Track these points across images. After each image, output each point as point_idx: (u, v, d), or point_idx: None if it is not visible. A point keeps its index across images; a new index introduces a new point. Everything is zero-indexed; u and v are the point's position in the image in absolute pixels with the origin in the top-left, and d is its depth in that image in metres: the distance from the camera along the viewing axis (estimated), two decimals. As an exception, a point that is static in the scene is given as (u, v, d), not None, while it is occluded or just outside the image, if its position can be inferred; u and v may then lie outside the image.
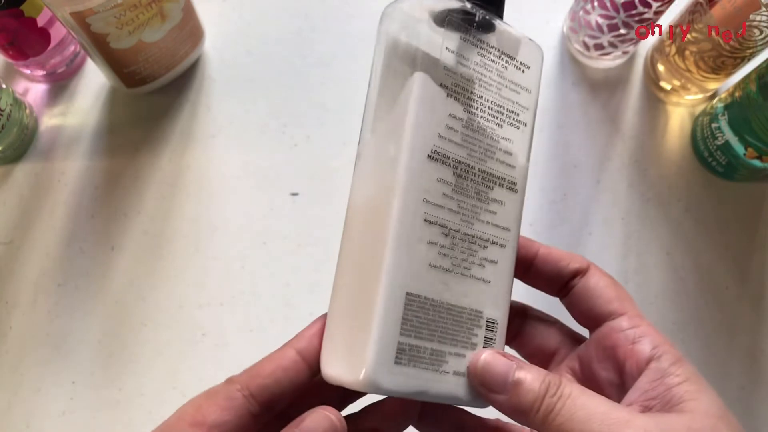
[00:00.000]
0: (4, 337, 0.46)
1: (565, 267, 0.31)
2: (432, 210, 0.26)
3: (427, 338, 0.26)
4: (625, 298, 0.30)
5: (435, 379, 0.26)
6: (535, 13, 0.54)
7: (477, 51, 0.28)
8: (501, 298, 0.28)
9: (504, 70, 0.28)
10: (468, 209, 0.27)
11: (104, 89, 0.51)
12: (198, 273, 0.48)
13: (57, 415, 0.45)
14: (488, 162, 0.28)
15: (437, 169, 0.26)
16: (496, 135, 0.28)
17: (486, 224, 0.28)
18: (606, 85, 0.52)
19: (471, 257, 0.27)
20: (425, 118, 0.26)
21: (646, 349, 0.27)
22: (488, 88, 0.28)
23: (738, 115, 0.45)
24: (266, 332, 0.47)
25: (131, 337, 0.46)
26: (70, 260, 0.48)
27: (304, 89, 0.51)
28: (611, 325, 0.29)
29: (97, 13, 0.40)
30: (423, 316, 0.26)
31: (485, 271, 0.28)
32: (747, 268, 0.49)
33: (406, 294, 0.26)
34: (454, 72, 0.27)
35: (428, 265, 0.26)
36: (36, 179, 0.49)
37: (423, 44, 0.26)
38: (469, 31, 0.27)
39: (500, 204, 0.28)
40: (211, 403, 0.26)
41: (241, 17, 0.53)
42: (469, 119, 0.27)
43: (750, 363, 0.48)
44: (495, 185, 0.28)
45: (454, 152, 0.27)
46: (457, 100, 0.27)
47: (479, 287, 0.28)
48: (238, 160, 0.50)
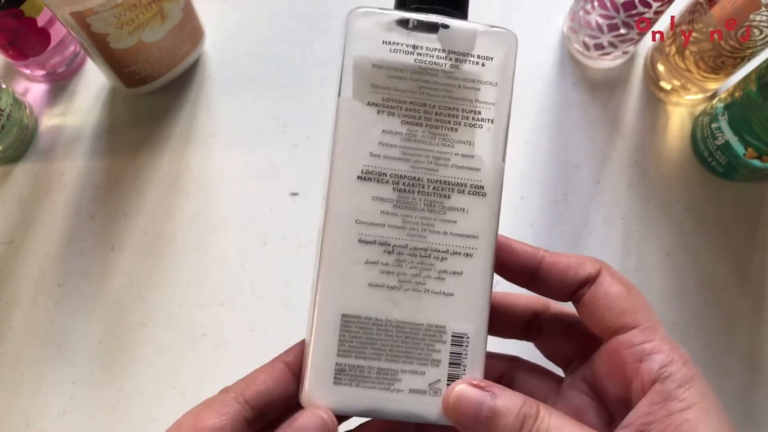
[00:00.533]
0: (4, 337, 0.46)
1: (573, 277, 0.29)
2: (367, 230, 0.26)
3: (371, 357, 0.26)
4: (639, 308, 0.28)
5: (387, 398, 0.26)
6: (535, 13, 0.54)
7: (414, 58, 0.27)
8: (472, 309, 0.27)
9: (455, 70, 0.27)
10: (416, 222, 0.27)
11: (104, 89, 0.51)
12: (198, 273, 0.48)
13: (57, 415, 0.45)
14: (441, 170, 0.27)
15: (372, 187, 0.26)
16: (449, 140, 0.27)
17: (443, 235, 0.27)
18: (606, 85, 0.52)
19: (425, 271, 0.27)
20: (350, 141, 0.26)
21: (653, 368, 0.26)
22: (433, 93, 0.27)
23: (738, 115, 0.45)
24: (266, 332, 0.47)
25: (131, 337, 0.46)
26: (70, 260, 0.48)
27: (304, 89, 0.51)
28: (620, 340, 0.27)
29: (97, 13, 0.40)
30: (365, 336, 0.26)
31: (445, 284, 0.27)
32: (747, 268, 0.49)
33: (341, 315, 0.26)
34: (385, 87, 0.27)
35: (367, 284, 0.26)
36: (36, 179, 0.49)
37: (346, 65, 0.27)
38: (400, 40, 0.27)
39: (462, 211, 0.27)
40: (208, 410, 0.26)
41: (241, 17, 0.53)
42: (411, 131, 0.27)
43: (750, 363, 0.48)
44: (453, 193, 0.27)
45: (393, 167, 0.27)
46: (392, 114, 0.27)
47: (438, 301, 0.27)
48: (238, 160, 0.50)
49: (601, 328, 0.28)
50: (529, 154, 0.51)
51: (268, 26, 0.53)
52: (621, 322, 0.27)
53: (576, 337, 0.30)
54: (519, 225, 0.49)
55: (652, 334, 0.27)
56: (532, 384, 0.31)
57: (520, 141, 0.51)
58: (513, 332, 0.32)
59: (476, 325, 0.27)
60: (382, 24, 0.27)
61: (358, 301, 0.26)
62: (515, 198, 0.50)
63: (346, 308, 0.26)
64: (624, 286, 0.28)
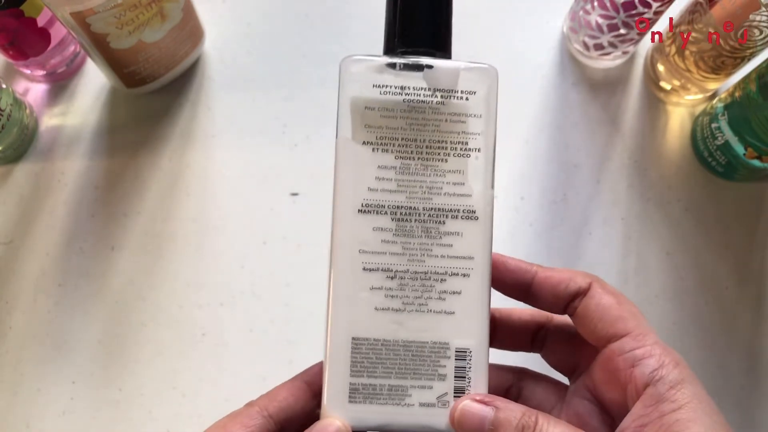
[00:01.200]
0: (4, 337, 0.46)
1: (563, 290, 0.30)
2: (370, 258, 0.29)
3: (382, 376, 0.28)
4: (629, 316, 0.29)
5: (399, 413, 0.28)
6: (535, 13, 0.54)
7: (402, 98, 0.29)
8: (472, 325, 0.29)
9: (441, 106, 0.29)
10: (415, 248, 0.29)
11: (104, 89, 0.51)
12: (198, 273, 0.48)
13: (57, 414, 0.45)
14: (435, 198, 0.29)
15: (371, 219, 0.29)
16: (440, 170, 0.29)
17: (441, 258, 0.29)
18: (606, 85, 0.52)
19: (427, 293, 0.29)
20: (349, 178, 0.29)
21: (645, 372, 0.27)
22: (423, 129, 0.29)
23: (738, 115, 0.45)
24: (266, 332, 0.47)
25: (131, 337, 0.46)
26: (70, 260, 0.48)
27: (304, 89, 0.51)
28: (612, 348, 0.29)
29: (97, 13, 0.40)
30: (375, 356, 0.28)
31: (446, 304, 0.29)
32: (747, 268, 0.49)
33: (351, 339, 0.28)
34: (378, 126, 0.29)
35: (374, 309, 0.29)
36: (36, 179, 0.49)
37: (342, 109, 0.29)
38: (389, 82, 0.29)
39: (457, 235, 0.29)
40: (235, 422, 0.28)
41: (241, 17, 0.53)
42: (404, 164, 0.29)
43: (750, 363, 0.48)
44: (447, 218, 0.29)
45: (390, 199, 0.29)
46: (386, 150, 0.29)
47: (441, 320, 0.29)
48: (238, 160, 0.50)
49: (595, 338, 0.29)
50: (529, 154, 0.51)
51: (268, 26, 0.53)
52: (612, 331, 0.29)
53: (578, 346, 0.31)
54: (519, 225, 0.49)
55: (642, 340, 0.28)
56: (539, 393, 0.33)
57: (520, 141, 0.51)
58: (519, 345, 0.33)
59: (477, 340, 0.29)
60: (372, 68, 0.29)
61: (366, 325, 0.29)
62: (515, 198, 0.50)
63: (355, 332, 0.29)
64: (614, 297, 0.29)
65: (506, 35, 0.53)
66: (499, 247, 0.48)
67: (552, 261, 0.49)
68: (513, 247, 0.49)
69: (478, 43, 0.53)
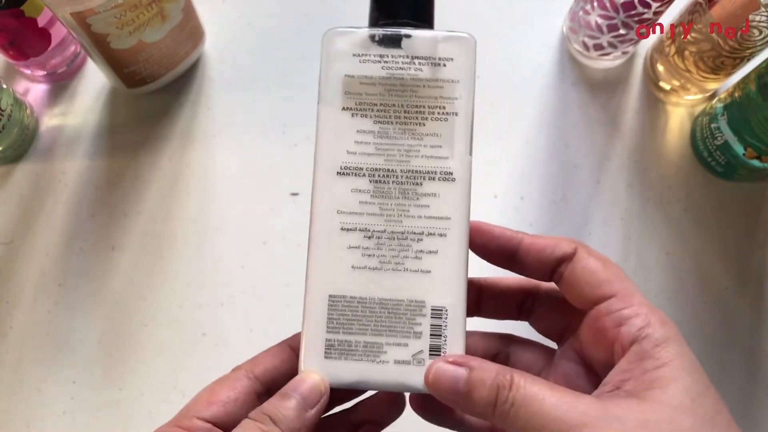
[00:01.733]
0: (4, 337, 0.46)
1: (549, 255, 0.30)
2: (348, 218, 0.30)
3: (358, 332, 0.29)
4: (615, 278, 0.29)
5: (374, 369, 0.29)
6: (535, 13, 0.54)
7: (381, 66, 0.30)
8: (449, 284, 0.29)
9: (419, 72, 0.30)
10: (392, 209, 0.29)
11: (104, 89, 0.51)
12: (198, 273, 0.48)
13: (57, 414, 0.45)
14: (412, 161, 0.30)
15: (350, 181, 0.30)
16: (418, 133, 0.30)
17: (418, 218, 0.29)
18: (606, 85, 0.52)
19: (403, 252, 0.29)
20: (329, 142, 0.31)
21: (631, 330, 0.27)
22: (401, 95, 0.30)
23: (737, 115, 0.45)
24: (266, 332, 0.47)
25: (131, 337, 0.47)
26: (71, 260, 0.48)
27: (304, 89, 0.51)
28: (599, 309, 0.29)
29: (98, 14, 0.40)
30: (351, 313, 0.29)
31: (423, 263, 0.29)
32: (747, 268, 0.49)
33: (329, 296, 0.29)
34: (357, 93, 0.30)
35: (351, 267, 0.29)
36: (36, 179, 0.49)
37: (323, 77, 0.31)
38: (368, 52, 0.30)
39: (434, 196, 0.30)
40: (221, 385, 0.30)
41: (241, 17, 0.53)
42: (382, 129, 0.30)
43: (750, 363, 0.48)
44: (424, 180, 0.30)
45: (368, 162, 0.30)
46: (365, 116, 0.30)
47: (417, 278, 0.29)
48: (238, 160, 0.50)
49: (582, 301, 0.30)
50: (529, 154, 0.51)
51: (268, 26, 0.53)
52: (599, 293, 0.29)
53: (565, 311, 0.31)
54: (519, 225, 0.49)
55: (629, 300, 0.28)
56: (527, 358, 0.33)
57: (520, 141, 0.51)
58: (507, 313, 0.33)
59: (453, 299, 0.29)
60: (352, 40, 0.30)
61: (343, 282, 0.29)
62: (515, 198, 0.50)
63: (332, 289, 0.29)
64: (599, 260, 0.30)
65: (506, 35, 0.53)
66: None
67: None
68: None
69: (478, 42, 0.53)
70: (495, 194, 0.50)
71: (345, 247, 0.29)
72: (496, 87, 0.52)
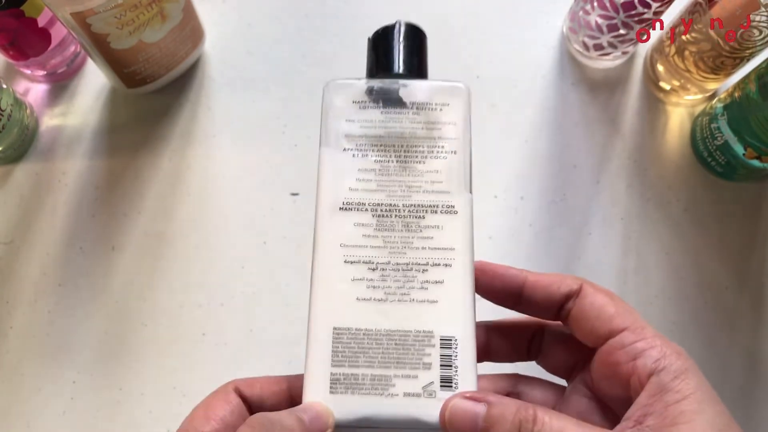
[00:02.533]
0: (4, 337, 0.46)
1: (556, 291, 0.30)
2: (351, 251, 0.29)
3: (364, 365, 0.28)
4: (625, 311, 0.29)
5: (383, 403, 0.27)
6: (535, 13, 0.54)
7: (380, 111, 0.31)
8: (457, 314, 0.28)
9: (417, 116, 0.31)
10: (396, 242, 0.29)
11: (104, 89, 0.51)
12: (198, 273, 0.48)
13: (57, 414, 0.45)
14: (414, 196, 0.30)
15: (353, 216, 0.30)
16: (418, 171, 0.30)
17: (422, 250, 0.29)
18: (605, 85, 0.52)
19: (409, 283, 0.29)
20: (330, 180, 0.31)
21: (647, 363, 0.27)
22: (400, 136, 0.31)
23: (737, 116, 0.45)
24: (266, 332, 0.47)
25: (131, 337, 0.47)
26: (70, 260, 0.48)
27: (304, 89, 0.52)
28: (612, 343, 0.28)
29: (98, 14, 0.40)
30: (357, 346, 0.28)
31: (429, 293, 0.29)
32: (747, 268, 0.49)
33: (333, 329, 0.28)
34: (357, 135, 0.31)
35: (356, 299, 0.29)
36: (36, 179, 0.49)
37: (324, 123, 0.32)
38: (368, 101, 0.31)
39: (437, 228, 0.30)
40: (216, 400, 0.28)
41: (241, 17, 0.53)
42: (383, 167, 0.30)
43: (750, 363, 0.48)
44: (427, 213, 0.30)
45: (370, 198, 0.30)
46: (366, 155, 0.31)
47: (424, 309, 0.28)
48: (238, 160, 0.50)
49: (593, 338, 0.29)
50: (528, 154, 0.51)
51: (268, 26, 0.53)
52: (610, 328, 0.28)
53: (574, 348, 0.31)
54: (519, 225, 0.49)
55: (642, 333, 0.28)
56: (538, 396, 0.32)
57: (520, 141, 0.51)
58: (517, 355, 0.33)
59: (463, 328, 0.28)
60: (352, 90, 0.31)
61: (347, 315, 0.29)
62: (515, 198, 0.50)
63: (337, 322, 0.28)
64: (606, 295, 0.29)
65: (506, 35, 0.53)
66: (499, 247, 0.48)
67: (552, 261, 0.49)
68: (513, 247, 0.49)
69: (477, 42, 0.53)
70: (495, 194, 0.50)
71: (349, 280, 0.29)
72: (496, 87, 0.52)
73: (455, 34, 0.53)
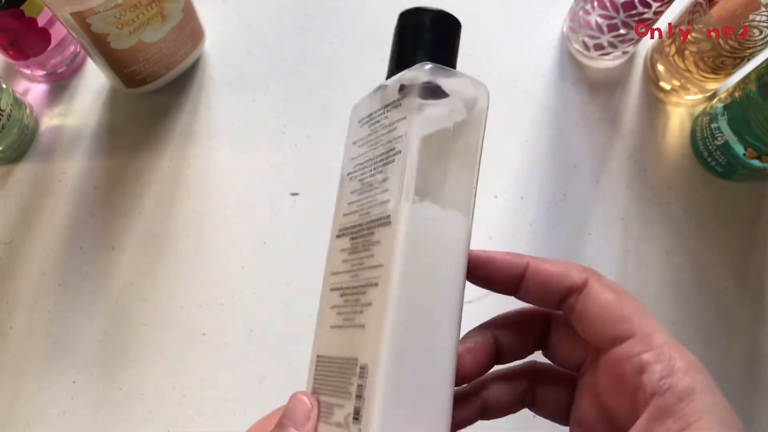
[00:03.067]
0: (4, 337, 0.46)
1: (557, 285, 0.27)
2: (335, 278, 0.29)
3: (325, 393, 0.27)
4: (633, 314, 0.26)
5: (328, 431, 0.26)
6: (535, 13, 0.54)
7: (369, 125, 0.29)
8: (374, 339, 0.25)
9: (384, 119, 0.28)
10: (356, 263, 0.27)
11: (104, 89, 0.51)
12: (198, 273, 0.48)
13: (57, 414, 0.45)
14: (372, 211, 0.27)
15: (341, 242, 0.29)
16: (376, 182, 0.27)
17: (367, 269, 0.26)
18: (605, 85, 0.52)
19: (355, 307, 0.26)
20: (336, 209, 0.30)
21: (652, 379, 0.24)
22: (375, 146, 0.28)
23: (737, 115, 0.45)
24: (266, 332, 0.47)
25: (131, 337, 0.46)
26: (71, 260, 0.48)
27: (304, 89, 0.52)
28: (618, 352, 0.26)
29: (98, 13, 0.40)
30: (324, 373, 0.28)
31: (363, 317, 0.26)
32: (746, 268, 0.49)
33: (317, 356, 0.29)
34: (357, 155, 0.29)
35: (329, 327, 0.28)
36: (36, 179, 0.49)
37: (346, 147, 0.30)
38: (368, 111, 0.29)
39: (378, 244, 0.26)
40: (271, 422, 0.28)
41: (241, 17, 0.53)
42: (364, 185, 0.28)
43: (750, 363, 0.48)
44: (376, 228, 0.26)
45: (351, 221, 0.28)
46: (355, 177, 0.29)
47: (357, 334, 0.26)
48: (238, 160, 0.50)
49: (597, 341, 0.27)
50: (528, 154, 0.51)
51: (268, 26, 0.53)
52: (615, 333, 0.26)
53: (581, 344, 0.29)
54: (519, 225, 0.49)
55: (650, 342, 0.25)
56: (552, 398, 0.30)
57: (520, 141, 0.51)
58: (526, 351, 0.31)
59: (374, 355, 0.25)
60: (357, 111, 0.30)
61: (324, 342, 0.28)
62: (515, 198, 0.50)
63: (319, 349, 0.29)
64: (614, 293, 0.27)
65: (506, 35, 0.53)
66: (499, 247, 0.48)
67: (552, 261, 0.49)
68: (513, 247, 0.48)
69: (477, 42, 0.53)
70: (495, 194, 0.50)
71: (329, 307, 0.28)
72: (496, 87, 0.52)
73: (455, 34, 0.53)
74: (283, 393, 0.30)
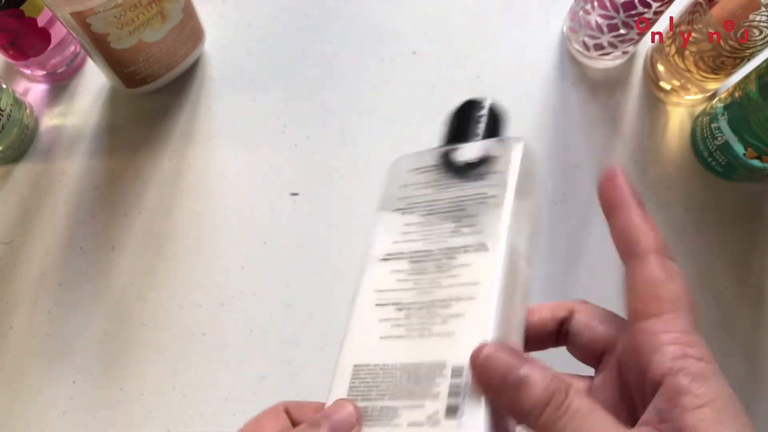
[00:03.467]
0: (5, 337, 0.46)
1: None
2: (384, 295, 0.31)
3: (375, 398, 0.29)
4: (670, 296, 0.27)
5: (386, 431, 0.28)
6: (535, 13, 0.54)
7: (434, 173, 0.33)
8: (472, 344, 0.28)
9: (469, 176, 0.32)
10: (426, 282, 0.30)
11: (104, 89, 0.51)
12: (198, 273, 0.48)
13: (57, 414, 0.45)
14: (450, 240, 0.31)
15: (391, 264, 0.31)
16: (457, 216, 0.31)
17: (448, 288, 0.30)
18: (606, 85, 0.52)
19: (432, 319, 0.29)
20: (380, 239, 0.32)
21: (664, 360, 0.25)
22: (447, 189, 0.32)
23: (738, 115, 0.45)
24: (266, 332, 0.47)
25: (131, 337, 0.46)
26: (70, 260, 0.48)
27: (304, 89, 0.52)
28: (640, 327, 0.26)
29: (98, 13, 0.40)
30: (371, 380, 0.29)
31: (448, 326, 0.29)
32: (746, 268, 0.49)
33: (353, 366, 0.30)
34: (409, 196, 0.33)
35: (379, 338, 0.30)
36: (36, 179, 0.49)
37: (385, 192, 0.34)
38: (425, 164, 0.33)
39: (467, 266, 0.30)
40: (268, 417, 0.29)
41: (241, 17, 0.53)
42: (427, 219, 0.32)
43: (750, 363, 0.48)
44: (459, 253, 0.30)
45: (410, 247, 0.31)
46: (413, 212, 0.32)
47: (441, 341, 0.29)
48: (238, 160, 0.50)
49: (628, 310, 0.28)
50: (528, 154, 0.51)
51: (268, 26, 0.53)
52: (646, 309, 0.27)
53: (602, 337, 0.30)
54: (519, 225, 0.49)
55: (672, 326, 0.26)
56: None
57: (520, 141, 0.51)
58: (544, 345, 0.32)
59: None
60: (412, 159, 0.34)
61: (368, 352, 0.30)
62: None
63: (358, 359, 0.30)
64: (665, 274, 0.28)
65: (506, 35, 0.53)
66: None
67: (552, 261, 0.49)
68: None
69: (477, 42, 0.53)
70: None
71: (377, 321, 0.30)
72: (496, 87, 0.52)
73: (455, 34, 0.53)
74: (283, 393, 0.31)
